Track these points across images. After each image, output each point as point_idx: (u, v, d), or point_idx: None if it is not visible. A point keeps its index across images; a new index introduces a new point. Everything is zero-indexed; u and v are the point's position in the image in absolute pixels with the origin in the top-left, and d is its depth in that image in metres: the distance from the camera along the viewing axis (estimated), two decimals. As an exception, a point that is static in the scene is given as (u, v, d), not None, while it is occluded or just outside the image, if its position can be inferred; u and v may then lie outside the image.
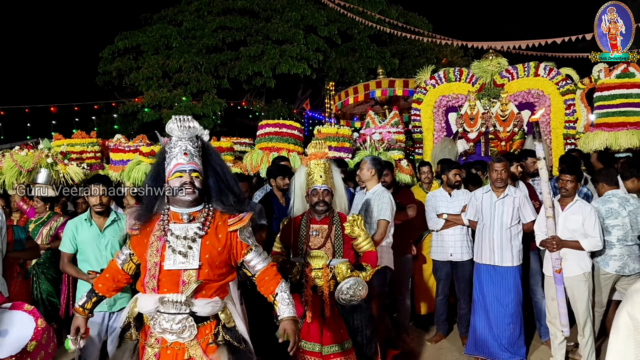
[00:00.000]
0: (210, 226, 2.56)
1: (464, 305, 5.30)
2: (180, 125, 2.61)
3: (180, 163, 2.54)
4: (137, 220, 2.60)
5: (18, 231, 4.08)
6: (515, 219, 4.78)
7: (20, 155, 5.92)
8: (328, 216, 3.59)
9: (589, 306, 4.51)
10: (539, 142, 3.96)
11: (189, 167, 2.54)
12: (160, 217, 2.60)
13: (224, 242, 2.56)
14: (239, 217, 2.60)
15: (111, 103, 18.19)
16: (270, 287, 2.63)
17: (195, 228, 2.52)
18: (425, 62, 16.39)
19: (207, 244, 2.52)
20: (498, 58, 7.61)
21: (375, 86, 9.84)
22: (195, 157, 2.58)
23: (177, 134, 2.60)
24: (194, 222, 2.55)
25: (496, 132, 7.34)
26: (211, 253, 2.51)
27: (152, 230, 2.58)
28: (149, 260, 2.52)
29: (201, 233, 2.52)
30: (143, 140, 6.97)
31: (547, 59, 8.28)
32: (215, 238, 2.54)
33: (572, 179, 4.49)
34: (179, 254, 2.46)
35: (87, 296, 2.76)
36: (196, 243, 2.50)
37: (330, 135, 6.90)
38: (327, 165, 3.63)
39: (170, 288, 2.46)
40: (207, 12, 17.67)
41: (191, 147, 2.59)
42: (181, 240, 2.49)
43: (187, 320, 2.45)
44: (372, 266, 3.54)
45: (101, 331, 3.93)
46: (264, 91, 18.05)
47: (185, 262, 2.46)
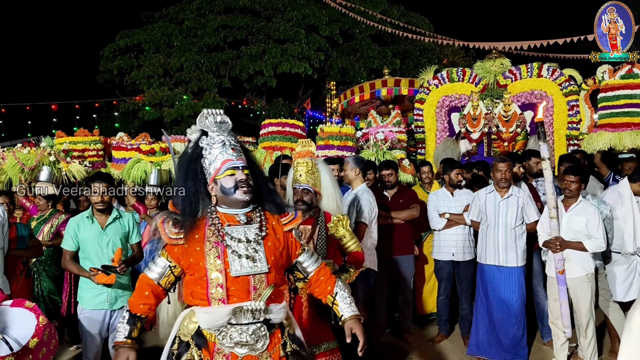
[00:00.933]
0: (268, 225, 2.40)
1: (466, 306, 5.29)
2: (215, 120, 2.44)
3: (229, 159, 2.35)
4: (181, 228, 2.31)
5: (21, 228, 4.08)
6: (520, 219, 4.77)
7: (22, 153, 5.91)
8: (313, 216, 3.52)
9: (591, 307, 4.50)
10: (544, 142, 3.94)
11: (240, 163, 2.36)
12: (206, 221, 2.35)
13: (283, 243, 2.42)
14: (291, 215, 2.48)
15: (112, 101, 18.17)
16: (327, 287, 2.49)
17: (255, 230, 2.34)
18: (426, 62, 16.38)
19: (270, 246, 2.35)
20: (501, 59, 7.60)
21: (381, 85, 9.83)
22: (241, 154, 2.41)
23: (215, 129, 2.42)
24: (252, 223, 2.37)
25: (499, 133, 7.32)
26: (275, 255, 2.35)
27: (204, 237, 2.31)
28: (210, 270, 2.26)
29: (263, 234, 2.34)
30: (145, 139, 6.97)
31: (549, 59, 8.26)
32: (275, 239, 2.39)
33: (577, 179, 4.48)
34: (246, 258, 2.26)
35: (130, 324, 2.36)
36: (260, 245, 2.32)
37: (334, 134, 6.88)
38: (311, 165, 3.56)
39: (240, 296, 2.25)
40: (208, 11, 17.64)
41: (234, 142, 2.43)
42: (243, 244, 2.29)
43: (260, 329, 2.26)
44: (356, 267, 3.48)
45: (102, 329, 3.94)
46: (265, 90, 18.03)
47: (254, 266, 2.26)
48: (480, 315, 4.90)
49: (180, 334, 2.36)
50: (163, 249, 2.38)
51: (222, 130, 2.41)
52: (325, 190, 3.65)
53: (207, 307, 2.25)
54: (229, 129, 2.44)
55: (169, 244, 2.34)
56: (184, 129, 14.51)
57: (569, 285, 4.37)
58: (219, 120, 2.43)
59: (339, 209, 3.74)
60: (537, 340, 5.32)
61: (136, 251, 4.17)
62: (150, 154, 6.62)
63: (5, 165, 5.92)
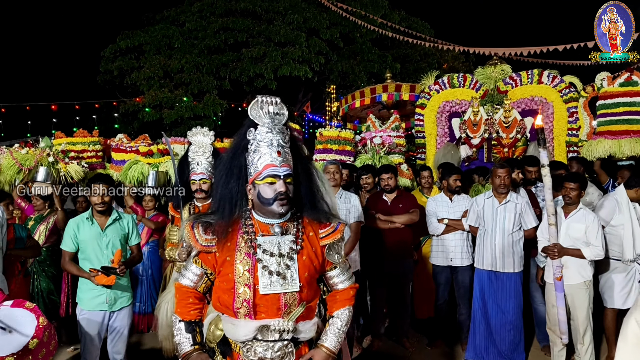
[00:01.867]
0: (304, 237, 2.20)
1: (464, 311, 5.29)
2: (269, 110, 2.14)
3: (272, 164, 2.09)
4: (214, 233, 2.15)
5: (19, 229, 4.07)
6: (517, 225, 4.78)
7: (20, 153, 5.91)
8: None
9: (589, 314, 4.51)
10: (544, 148, 3.95)
11: (284, 170, 2.10)
12: (240, 227, 2.18)
13: (320, 257, 2.22)
14: (331, 227, 2.24)
15: (112, 102, 18.18)
16: (333, 307, 2.33)
17: (289, 243, 2.15)
18: (427, 66, 16.43)
19: (304, 260, 2.16)
20: (502, 65, 7.62)
21: (382, 90, 9.84)
22: (288, 156, 2.15)
23: (267, 122, 2.13)
24: (287, 234, 2.17)
25: (499, 139, 7.34)
26: (309, 271, 2.17)
27: (236, 245, 2.15)
28: (238, 283, 2.11)
29: (297, 248, 2.15)
30: (145, 141, 6.97)
31: (549, 65, 8.30)
32: (311, 252, 2.19)
33: (576, 186, 4.49)
34: (277, 275, 2.09)
35: (189, 331, 2.25)
36: (293, 261, 2.13)
37: (332, 138, 6.90)
38: None
39: (269, 313, 2.11)
40: (209, 13, 17.69)
41: (283, 142, 2.14)
42: (275, 258, 2.11)
43: (286, 346, 2.12)
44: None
45: (101, 330, 3.94)
46: (265, 93, 17.97)
47: (284, 284, 2.10)
48: (477, 320, 4.90)
49: (207, 340, 2.28)
50: (196, 256, 2.25)
51: (274, 125, 2.12)
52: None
53: (234, 319, 2.14)
54: (282, 122, 2.16)
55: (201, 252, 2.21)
56: (183, 131, 14.53)
57: (566, 292, 4.38)
58: (272, 111, 2.14)
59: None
60: (535, 346, 5.32)
61: (135, 253, 4.17)
62: (148, 156, 6.62)
63: (3, 165, 5.91)
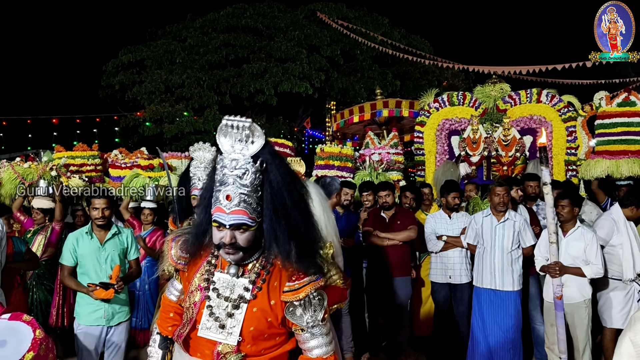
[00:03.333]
0: (264, 286, 1.89)
1: (463, 329, 5.27)
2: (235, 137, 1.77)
3: (220, 209, 1.78)
4: (186, 252, 1.99)
5: (18, 243, 4.07)
6: (516, 243, 4.78)
7: (22, 167, 5.91)
8: None
9: (588, 333, 4.50)
10: (546, 167, 3.97)
11: (230, 219, 1.77)
12: (209, 251, 1.98)
13: (278, 313, 1.90)
14: (301, 282, 1.88)
15: (113, 116, 18.26)
16: None
17: (241, 288, 1.88)
18: (426, 84, 16.55)
19: (255, 312, 1.88)
20: (501, 84, 7.68)
21: (383, 106, 9.89)
22: (247, 198, 1.77)
23: (228, 152, 1.79)
24: (244, 276, 1.91)
25: (498, 157, 7.37)
26: (258, 325, 1.89)
27: (197, 269, 1.98)
28: (186, 312, 1.98)
29: (248, 297, 1.88)
30: (141, 155, 6.96)
31: (548, 84, 8.34)
32: (266, 304, 1.88)
33: (567, 203, 4.51)
34: (216, 321, 1.88)
35: (162, 347, 2.20)
36: (240, 310, 1.87)
37: (334, 154, 6.92)
38: None
39: (203, 354, 1.95)
40: (211, 29, 17.85)
41: (240, 183, 1.76)
42: (223, 302, 1.89)
43: None
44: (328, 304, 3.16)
45: (98, 345, 3.92)
46: (265, 108, 18.13)
47: (222, 333, 1.88)
48: (476, 339, 4.88)
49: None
50: (176, 272, 2.15)
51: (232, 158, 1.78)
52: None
53: (182, 351, 2.03)
54: (250, 152, 1.78)
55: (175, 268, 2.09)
56: (183, 146, 14.58)
57: (566, 310, 4.37)
58: (237, 140, 1.77)
59: (328, 235, 3.40)
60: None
61: (134, 267, 4.16)
62: (149, 169, 6.62)
63: (3, 179, 5.91)
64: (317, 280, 1.89)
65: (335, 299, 3.13)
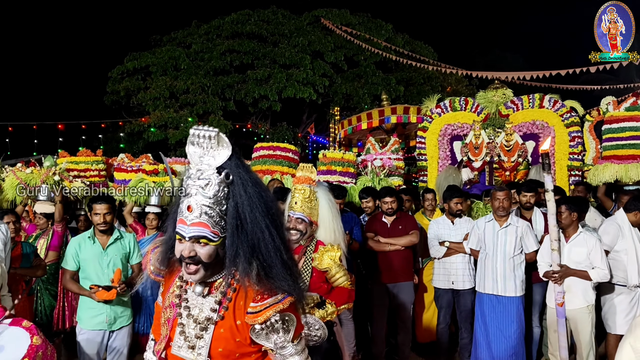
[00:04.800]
0: (230, 305, 1.80)
1: (466, 335, 5.25)
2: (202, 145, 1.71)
3: (181, 220, 1.72)
4: (161, 264, 1.93)
5: (26, 246, 4.13)
6: (518, 249, 4.77)
7: (24, 172, 5.93)
8: (303, 245, 3.31)
9: (592, 338, 4.48)
10: (548, 173, 3.96)
11: (191, 231, 1.70)
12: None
13: (244, 333, 1.81)
14: (261, 303, 1.76)
15: (118, 122, 18.35)
16: None
17: (208, 309, 1.81)
18: (430, 89, 16.55)
19: (222, 333, 1.80)
20: (503, 89, 7.66)
21: (391, 112, 9.89)
22: (209, 210, 1.70)
23: (196, 163, 1.74)
24: (211, 295, 1.83)
25: (500, 162, 7.36)
26: (227, 345, 1.81)
27: (171, 285, 1.93)
28: (162, 327, 1.93)
29: (215, 319, 1.79)
30: (147, 160, 6.99)
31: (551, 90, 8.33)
32: (233, 324, 1.80)
33: (564, 209, 4.49)
34: (186, 341, 1.83)
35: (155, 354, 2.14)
36: (207, 332, 1.80)
37: (336, 159, 6.92)
38: (309, 192, 3.36)
39: None
40: (216, 36, 17.97)
41: (203, 194, 1.70)
42: (192, 322, 1.83)
43: None
44: (337, 304, 3.14)
45: (100, 350, 3.94)
46: (269, 114, 18.21)
47: (192, 353, 1.82)
48: (479, 344, 4.87)
49: None
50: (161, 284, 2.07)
51: (197, 169, 1.73)
52: (323, 221, 3.44)
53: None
54: (216, 163, 1.72)
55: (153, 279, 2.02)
56: (188, 151, 14.61)
57: (569, 316, 4.36)
58: (203, 150, 1.72)
59: (336, 241, 3.48)
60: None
61: (137, 272, 4.17)
62: (154, 174, 6.64)
63: (5, 184, 5.93)
64: (280, 302, 1.76)
65: (344, 299, 3.23)
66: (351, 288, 3.31)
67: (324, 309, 3.06)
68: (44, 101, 21.57)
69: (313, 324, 2.91)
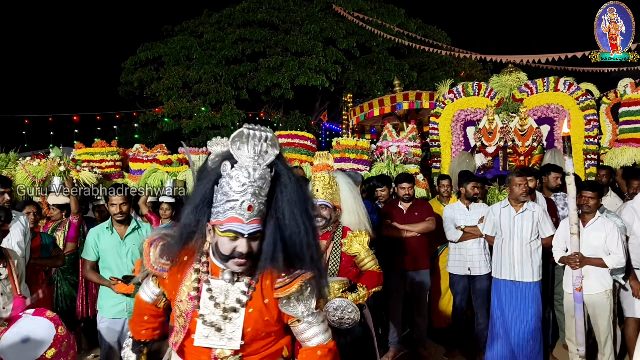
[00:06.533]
0: (257, 286, 1.89)
1: (482, 320, 5.25)
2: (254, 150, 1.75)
3: (237, 219, 1.75)
4: (165, 256, 1.95)
5: (45, 237, 4.20)
6: (535, 234, 4.74)
7: (32, 165, 6.00)
8: (330, 231, 3.40)
9: (610, 324, 4.45)
10: (569, 157, 3.93)
11: (250, 229, 1.76)
12: (194, 257, 1.93)
13: (272, 310, 1.90)
14: (290, 276, 1.85)
15: (132, 113, 18.48)
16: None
17: (238, 292, 1.87)
18: (443, 74, 16.38)
19: (251, 313, 1.87)
20: (517, 72, 7.55)
21: (403, 98, 9.83)
22: (262, 207, 1.79)
23: (248, 164, 1.76)
24: (239, 281, 1.89)
25: (515, 147, 7.28)
26: (256, 325, 1.89)
27: (184, 277, 1.93)
28: (177, 320, 1.96)
29: (244, 300, 1.87)
30: (161, 150, 7.06)
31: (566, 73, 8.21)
32: (261, 304, 1.88)
33: (594, 195, 4.45)
34: (213, 327, 1.86)
35: (135, 352, 2.20)
36: (239, 313, 1.86)
37: (350, 147, 6.92)
38: (328, 179, 3.42)
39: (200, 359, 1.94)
40: (227, 24, 17.94)
41: (259, 191, 1.77)
42: (218, 308, 1.86)
43: None
44: (367, 287, 3.24)
45: (121, 338, 4.00)
46: (282, 102, 18.20)
47: (221, 338, 1.87)
48: (495, 330, 4.86)
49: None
50: (154, 275, 2.09)
51: (254, 168, 1.76)
52: (345, 205, 3.52)
53: (178, 357, 2.00)
54: (266, 162, 1.78)
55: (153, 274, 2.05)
56: (201, 141, 14.72)
57: (587, 301, 4.33)
58: (257, 150, 1.76)
59: (361, 223, 3.56)
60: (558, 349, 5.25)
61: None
62: (167, 164, 6.71)
63: (16, 178, 6.01)
64: (306, 272, 1.86)
65: (374, 282, 3.32)
66: (380, 271, 3.39)
67: (356, 292, 3.17)
68: (59, 93, 21.76)
69: (346, 307, 3.01)
